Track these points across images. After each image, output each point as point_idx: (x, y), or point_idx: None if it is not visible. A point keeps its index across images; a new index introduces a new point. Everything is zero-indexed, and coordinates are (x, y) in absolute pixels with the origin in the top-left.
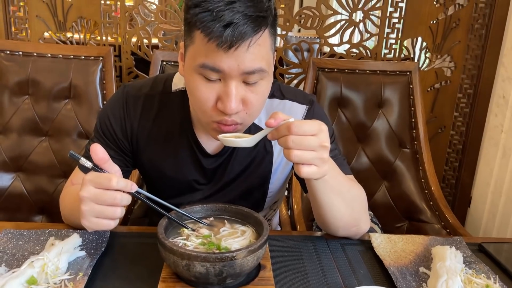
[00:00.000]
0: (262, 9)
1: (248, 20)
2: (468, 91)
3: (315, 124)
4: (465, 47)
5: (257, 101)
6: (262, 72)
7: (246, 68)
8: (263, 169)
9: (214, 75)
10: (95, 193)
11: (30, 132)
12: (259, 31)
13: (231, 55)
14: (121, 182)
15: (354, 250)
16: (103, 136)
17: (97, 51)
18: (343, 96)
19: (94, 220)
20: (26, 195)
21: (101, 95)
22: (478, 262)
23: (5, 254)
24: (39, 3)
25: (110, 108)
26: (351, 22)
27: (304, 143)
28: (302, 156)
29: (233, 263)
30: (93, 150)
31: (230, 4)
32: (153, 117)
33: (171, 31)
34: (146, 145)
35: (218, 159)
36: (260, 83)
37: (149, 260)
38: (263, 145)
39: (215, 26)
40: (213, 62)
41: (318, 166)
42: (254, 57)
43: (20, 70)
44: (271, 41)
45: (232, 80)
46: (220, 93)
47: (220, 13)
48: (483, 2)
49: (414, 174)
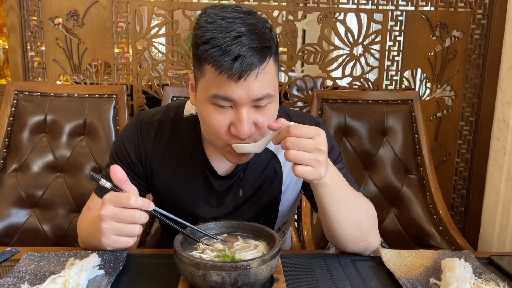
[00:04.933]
0: (266, 39)
1: (254, 52)
2: (470, 118)
3: (313, 129)
4: (464, 77)
5: (267, 123)
6: (270, 97)
7: (255, 95)
8: (273, 190)
9: (226, 103)
10: (114, 212)
11: (46, 169)
12: (264, 61)
13: (240, 85)
14: (139, 200)
15: (365, 265)
16: (118, 161)
17: (111, 89)
18: (347, 125)
19: (113, 238)
20: (41, 230)
21: (114, 131)
22: (487, 272)
23: (27, 274)
24: (56, 48)
25: (125, 134)
26: (352, 56)
27: (300, 144)
28: (298, 156)
29: (248, 272)
30: (113, 171)
31: (236, 38)
32: (166, 141)
33: (180, 71)
34: (159, 169)
35: (228, 181)
36: (269, 106)
37: (165, 278)
38: (273, 167)
39: (225, 60)
40: (225, 93)
41: (313, 167)
42: (261, 85)
43: (38, 109)
44: (275, 67)
45: (243, 107)
46: (232, 119)
47: (228, 48)
48: (478, 34)
49: (422, 200)
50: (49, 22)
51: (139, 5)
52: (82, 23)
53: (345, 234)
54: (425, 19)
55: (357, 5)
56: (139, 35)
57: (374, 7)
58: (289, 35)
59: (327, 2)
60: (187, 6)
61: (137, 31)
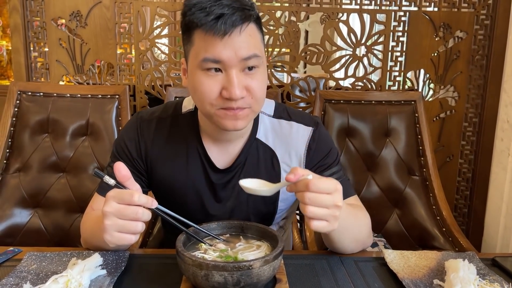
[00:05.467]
0: (246, 4)
1: (235, 11)
2: (474, 119)
3: (331, 183)
4: (467, 77)
5: (258, 86)
6: (257, 57)
7: (242, 54)
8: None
9: (216, 65)
10: (117, 208)
11: (48, 169)
12: (246, 21)
13: (226, 43)
14: (142, 198)
15: (368, 266)
16: (120, 159)
17: (114, 89)
18: (350, 126)
19: (116, 235)
20: (44, 230)
21: (117, 131)
22: (491, 274)
23: (29, 274)
24: (59, 48)
25: (125, 132)
26: (355, 57)
27: (318, 200)
28: (316, 212)
29: (250, 272)
30: (117, 167)
31: (218, 1)
32: (165, 137)
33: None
34: (160, 164)
35: (227, 175)
36: (257, 71)
37: (167, 278)
38: (271, 163)
39: (209, 19)
40: (213, 54)
41: (329, 222)
42: (247, 45)
43: (40, 110)
44: (260, 35)
45: (232, 69)
46: (223, 83)
47: (212, 8)
48: (482, 34)
49: (425, 201)
50: (52, 22)
51: (142, 5)
52: (85, 23)
53: (345, 247)
54: (428, 19)
55: (360, 6)
56: (141, 36)
57: (377, 8)
58: (292, 35)
59: (330, 3)
60: None
61: (139, 31)
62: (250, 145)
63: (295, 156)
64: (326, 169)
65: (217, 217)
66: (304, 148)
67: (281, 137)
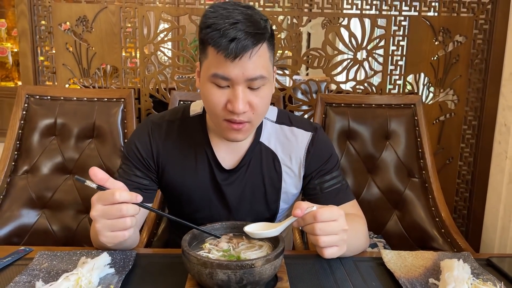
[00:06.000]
0: (260, 28)
1: (248, 36)
2: (473, 122)
3: (335, 210)
4: (467, 81)
5: (261, 103)
6: (263, 78)
7: (249, 75)
8: (274, 187)
9: (224, 82)
10: (103, 210)
11: (56, 171)
12: (258, 44)
13: (236, 64)
14: (124, 194)
15: (366, 266)
16: (130, 160)
17: (119, 93)
18: (351, 129)
19: (109, 234)
20: (51, 231)
21: (122, 134)
22: (485, 273)
23: (41, 272)
24: (65, 52)
25: (136, 135)
26: (356, 61)
27: (328, 229)
28: (329, 241)
29: (253, 271)
30: (92, 173)
31: (233, 24)
32: (175, 138)
33: (187, 74)
34: (169, 164)
35: (232, 175)
36: (263, 89)
37: (173, 276)
38: (273, 165)
39: (223, 41)
40: (223, 71)
41: (340, 246)
42: (255, 66)
43: (48, 113)
44: (270, 54)
45: (238, 85)
46: (229, 96)
47: (226, 31)
48: (481, 38)
49: (424, 203)
50: (59, 27)
51: (147, 10)
52: (91, 28)
53: (345, 256)
54: (428, 24)
55: (360, 11)
56: (146, 40)
57: (378, 13)
58: (294, 40)
59: (331, 8)
60: (193, 12)
61: (144, 36)
62: (254, 148)
63: (295, 159)
64: (326, 173)
65: (221, 216)
66: (304, 151)
67: (282, 141)
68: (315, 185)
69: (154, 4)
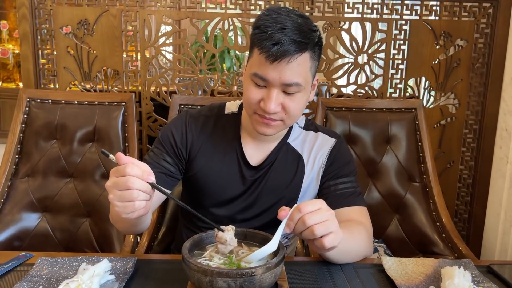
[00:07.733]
0: (306, 37)
1: (292, 43)
2: (474, 126)
3: (315, 201)
4: (468, 85)
5: (293, 107)
6: (299, 86)
7: (285, 80)
8: (294, 186)
9: (261, 82)
10: (114, 181)
11: (56, 174)
12: (299, 52)
13: (275, 67)
14: (135, 169)
15: (367, 272)
16: (163, 145)
17: (120, 97)
18: (351, 133)
19: (119, 204)
20: (52, 234)
21: (123, 137)
22: (486, 281)
23: (41, 279)
24: (67, 56)
25: (173, 124)
26: (357, 65)
27: (317, 217)
28: (324, 228)
29: (253, 279)
30: (118, 158)
31: (281, 30)
32: (209, 133)
33: (187, 77)
34: (200, 155)
35: (258, 171)
36: (297, 95)
37: (173, 283)
38: (297, 165)
39: (267, 44)
40: (262, 72)
41: (335, 232)
42: (293, 73)
43: (49, 116)
44: (311, 64)
45: (274, 88)
46: (263, 95)
47: (272, 35)
48: (482, 42)
49: (425, 207)
50: (60, 30)
51: (148, 14)
52: (93, 31)
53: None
54: (429, 28)
55: (361, 15)
56: (147, 44)
57: (379, 16)
58: None
59: (332, 11)
60: (194, 15)
61: (145, 39)
62: (281, 147)
63: (317, 161)
64: (342, 176)
65: (238, 212)
66: (326, 154)
67: (308, 145)
68: (329, 185)
69: (155, 7)
